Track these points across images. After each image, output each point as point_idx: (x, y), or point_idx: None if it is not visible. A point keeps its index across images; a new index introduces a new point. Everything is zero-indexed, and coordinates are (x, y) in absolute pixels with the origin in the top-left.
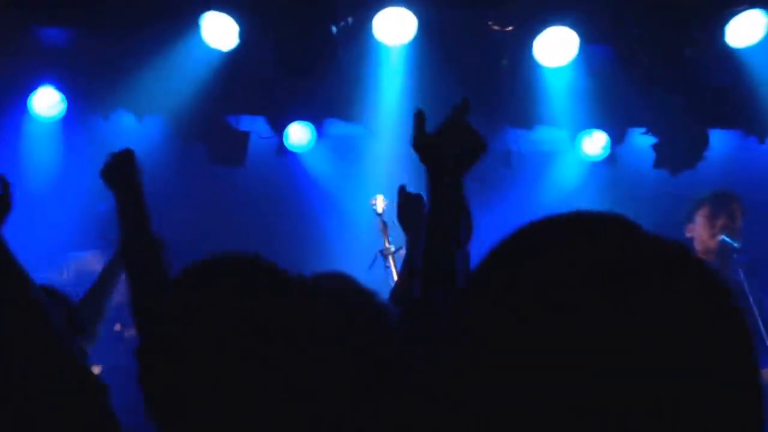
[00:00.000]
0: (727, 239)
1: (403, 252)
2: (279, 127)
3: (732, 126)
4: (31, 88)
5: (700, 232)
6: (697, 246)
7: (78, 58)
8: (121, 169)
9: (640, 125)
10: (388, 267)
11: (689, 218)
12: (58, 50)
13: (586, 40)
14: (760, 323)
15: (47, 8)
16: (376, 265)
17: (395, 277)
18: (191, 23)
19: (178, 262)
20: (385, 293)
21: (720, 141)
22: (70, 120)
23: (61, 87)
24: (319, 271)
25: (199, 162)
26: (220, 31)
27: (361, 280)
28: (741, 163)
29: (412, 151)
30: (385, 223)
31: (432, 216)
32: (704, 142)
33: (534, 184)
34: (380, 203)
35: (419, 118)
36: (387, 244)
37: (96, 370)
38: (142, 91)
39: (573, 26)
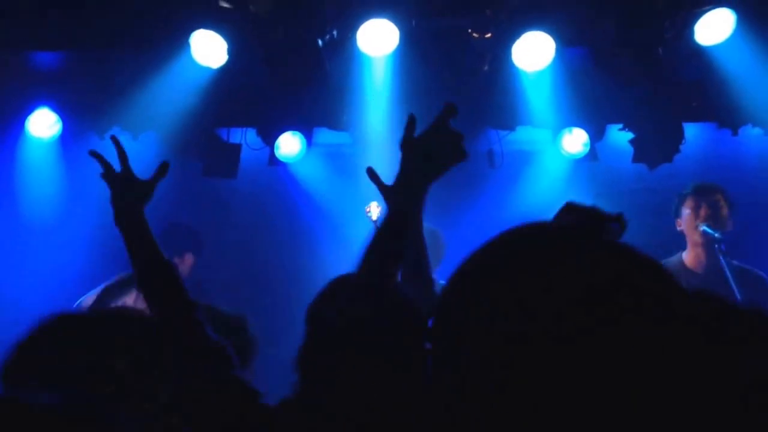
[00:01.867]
0: (708, 229)
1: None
2: (270, 139)
3: (706, 119)
4: (28, 110)
5: (686, 225)
6: (687, 240)
7: (72, 80)
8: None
9: (617, 122)
10: None
11: (677, 213)
12: (52, 73)
13: (563, 44)
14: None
15: (40, 33)
16: None
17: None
18: (181, 42)
19: None
20: None
21: (695, 135)
22: (67, 140)
23: (56, 108)
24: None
25: (194, 175)
26: (209, 49)
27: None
28: (716, 154)
29: (398, 156)
30: None
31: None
32: (680, 135)
33: (517, 183)
34: (374, 210)
35: (411, 121)
36: None
37: None
38: (135, 110)
39: (549, 31)
